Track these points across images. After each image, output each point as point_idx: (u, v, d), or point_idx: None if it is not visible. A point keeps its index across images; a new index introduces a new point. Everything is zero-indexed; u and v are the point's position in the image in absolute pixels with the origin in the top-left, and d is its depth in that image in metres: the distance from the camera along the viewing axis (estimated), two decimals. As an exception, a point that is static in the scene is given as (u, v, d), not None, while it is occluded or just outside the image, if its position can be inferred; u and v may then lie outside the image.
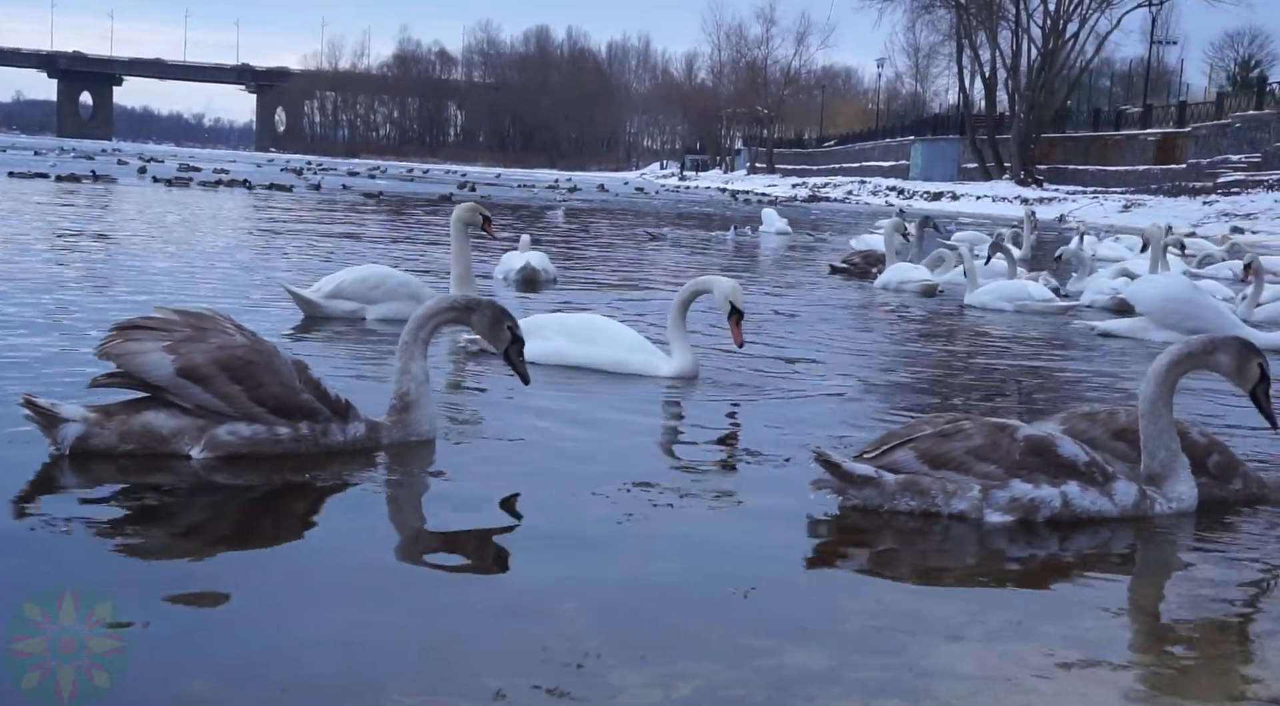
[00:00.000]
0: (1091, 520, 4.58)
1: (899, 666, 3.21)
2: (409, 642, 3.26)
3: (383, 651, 3.18)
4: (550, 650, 3.19)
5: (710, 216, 37.68)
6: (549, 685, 3.00)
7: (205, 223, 20.90)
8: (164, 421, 4.61)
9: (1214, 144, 55.76)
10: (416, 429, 5.17)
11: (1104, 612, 3.73)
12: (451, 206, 16.07)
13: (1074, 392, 7.89)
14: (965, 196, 62.31)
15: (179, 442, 4.62)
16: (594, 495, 4.66)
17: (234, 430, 4.66)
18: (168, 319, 4.70)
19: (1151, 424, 4.77)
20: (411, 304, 9.24)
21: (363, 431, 5.02)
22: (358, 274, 9.33)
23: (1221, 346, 4.86)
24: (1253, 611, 3.85)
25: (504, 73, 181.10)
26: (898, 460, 4.56)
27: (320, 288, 9.21)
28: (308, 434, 4.82)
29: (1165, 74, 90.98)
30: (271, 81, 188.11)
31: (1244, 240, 28.08)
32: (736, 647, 3.29)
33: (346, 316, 9.04)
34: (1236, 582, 4.13)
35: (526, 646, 3.21)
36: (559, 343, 7.34)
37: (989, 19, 77.66)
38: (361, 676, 3.04)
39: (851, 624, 3.53)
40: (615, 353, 7.32)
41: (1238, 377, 4.89)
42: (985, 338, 10.90)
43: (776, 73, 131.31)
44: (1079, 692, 3.13)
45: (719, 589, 3.73)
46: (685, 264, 17.78)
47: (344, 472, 4.77)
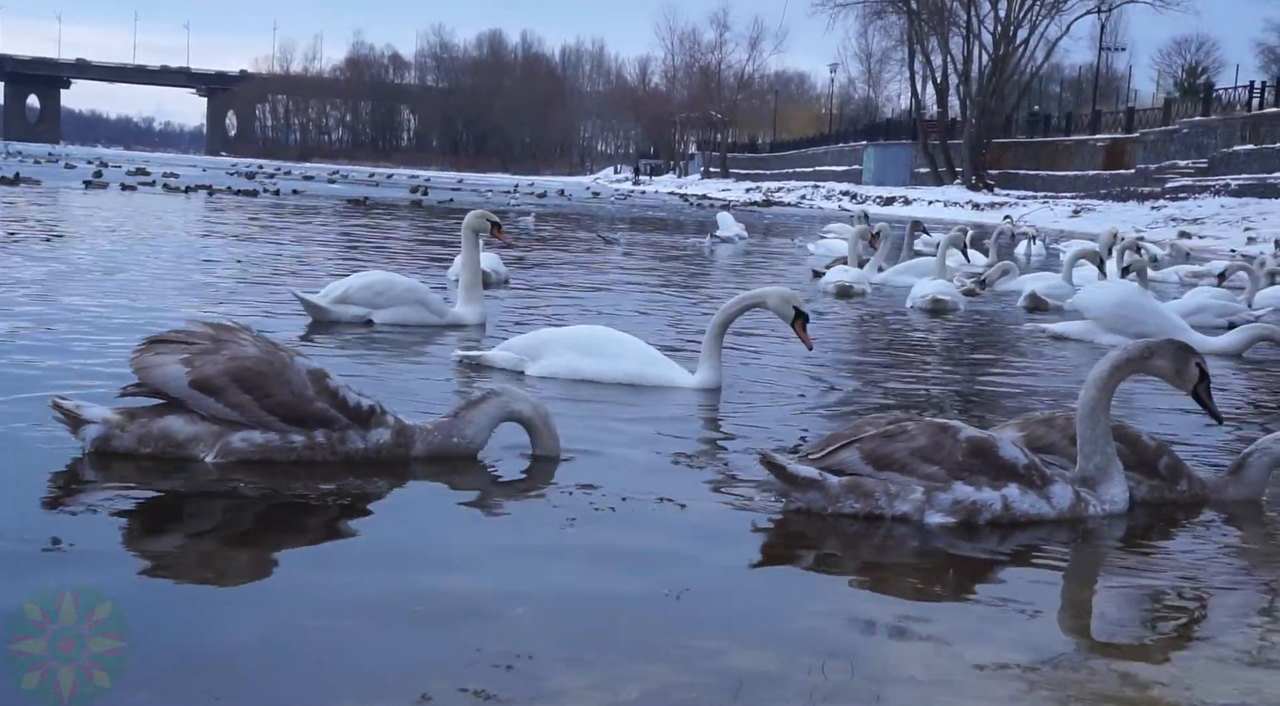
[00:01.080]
0: (1030, 522, 4.61)
1: (847, 669, 3.21)
2: (352, 648, 3.23)
3: (321, 656, 3.16)
4: (497, 654, 3.17)
5: (664, 221, 37.74)
6: (493, 690, 2.98)
7: (219, 228, 20.71)
8: (181, 427, 4.80)
9: (1161, 149, 56.42)
10: (463, 437, 5.14)
11: (1049, 614, 3.75)
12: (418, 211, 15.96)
13: (1029, 396, 7.94)
14: (918, 201, 62.72)
15: (194, 448, 4.80)
16: (540, 499, 4.66)
17: (247, 437, 4.81)
18: (191, 332, 4.89)
19: (1090, 428, 4.82)
20: (417, 309, 9.43)
21: (387, 438, 5.02)
22: (365, 280, 9.56)
23: (1158, 350, 4.92)
24: (1194, 613, 3.88)
25: (457, 77, 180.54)
26: (843, 460, 4.57)
27: (328, 293, 9.44)
28: (323, 441, 4.90)
29: (1114, 80, 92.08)
30: (223, 85, 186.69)
31: (1187, 244, 28.46)
32: (685, 650, 3.29)
33: (353, 321, 9.26)
34: (1178, 584, 4.16)
35: (473, 651, 3.19)
36: (571, 357, 7.22)
37: (940, 25, 78.24)
38: (291, 682, 3.02)
39: (800, 626, 3.53)
40: (633, 366, 7.21)
41: (1177, 380, 4.95)
42: (935, 342, 10.96)
43: (730, 77, 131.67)
44: (1027, 695, 3.15)
45: (666, 592, 3.72)
46: (657, 269, 17.79)
47: (343, 483, 4.75)
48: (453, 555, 4.08)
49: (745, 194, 79.51)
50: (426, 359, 8.18)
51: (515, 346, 7.49)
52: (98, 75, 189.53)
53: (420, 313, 9.46)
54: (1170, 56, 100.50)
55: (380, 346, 8.52)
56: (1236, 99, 56.37)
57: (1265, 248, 30.25)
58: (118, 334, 7.94)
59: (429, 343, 8.82)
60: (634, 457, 5.43)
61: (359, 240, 20.26)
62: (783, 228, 36.86)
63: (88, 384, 6.04)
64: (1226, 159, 49.06)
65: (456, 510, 4.67)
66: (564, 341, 7.36)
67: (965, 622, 3.62)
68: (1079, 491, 4.74)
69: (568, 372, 7.18)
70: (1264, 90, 54.07)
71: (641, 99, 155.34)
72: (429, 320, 9.48)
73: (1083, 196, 57.00)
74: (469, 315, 9.67)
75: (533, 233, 25.51)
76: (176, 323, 5.41)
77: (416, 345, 8.69)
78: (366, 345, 8.50)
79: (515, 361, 7.37)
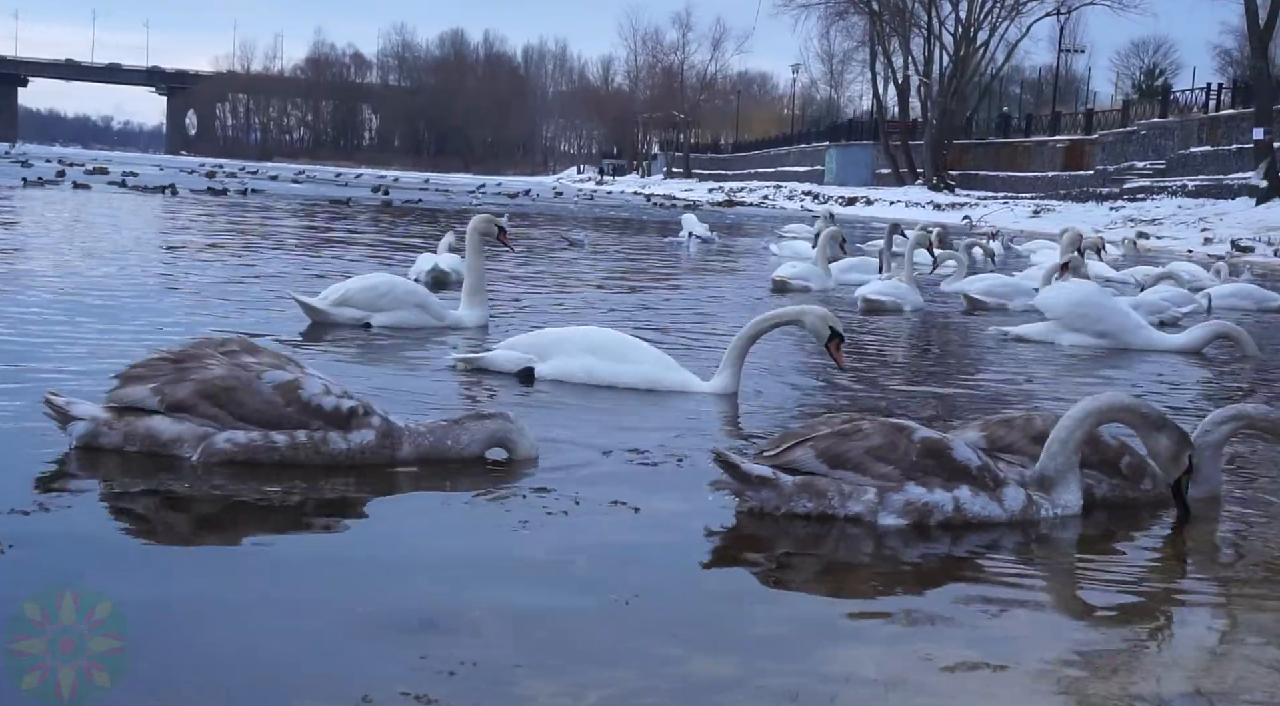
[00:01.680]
0: (982, 524, 4.63)
1: (805, 671, 3.24)
2: (301, 653, 3.23)
3: (266, 661, 3.17)
4: (457, 660, 3.17)
5: (629, 221, 37.72)
6: (456, 696, 2.98)
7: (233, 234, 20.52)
8: (166, 426, 4.93)
9: (1120, 151, 56.93)
10: (457, 443, 5.18)
11: (1003, 613, 3.78)
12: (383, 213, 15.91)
13: (990, 397, 7.98)
14: (879, 201, 63.01)
15: (178, 447, 4.92)
16: (493, 503, 4.68)
17: (231, 437, 4.91)
18: (153, 363, 5.05)
19: (1068, 434, 4.82)
20: (417, 313, 9.47)
21: (371, 440, 5.06)
22: (365, 283, 9.61)
23: (1168, 430, 4.88)
24: (1149, 609, 3.92)
25: (419, 76, 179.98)
26: (797, 458, 4.57)
27: (327, 296, 9.49)
28: (305, 441, 4.96)
29: (1073, 82, 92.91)
30: (182, 83, 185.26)
31: (1145, 244, 28.74)
32: (644, 655, 3.30)
33: (352, 323, 9.30)
34: (1133, 582, 4.21)
35: (432, 657, 3.19)
36: (586, 360, 7.15)
37: (902, 26, 78.69)
38: (228, 685, 3.02)
39: (758, 630, 3.55)
40: (650, 370, 7.16)
41: (1170, 463, 4.91)
42: (897, 344, 11.01)
43: (693, 78, 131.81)
44: (983, 693, 3.18)
45: (622, 597, 3.73)
46: (627, 268, 17.77)
47: (313, 486, 4.76)
48: (416, 560, 4.07)
49: (708, 194, 79.60)
50: (427, 361, 8.17)
51: (520, 345, 7.42)
52: (57, 73, 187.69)
53: (419, 315, 9.49)
54: (1128, 58, 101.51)
55: (381, 349, 8.56)
56: (1193, 101, 56.93)
57: (1222, 248, 30.59)
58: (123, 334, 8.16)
59: (430, 345, 8.83)
60: (603, 460, 5.43)
61: (346, 240, 20.11)
62: (747, 228, 36.90)
63: (94, 377, 6.04)
64: (1184, 160, 49.56)
65: (424, 514, 4.66)
66: (577, 342, 7.28)
67: (920, 623, 3.66)
68: (1031, 494, 4.77)
69: (582, 375, 7.11)
70: (1220, 92, 54.65)
71: (604, 99, 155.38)
72: (428, 323, 9.51)
73: (1043, 197, 57.44)
74: (470, 318, 9.69)
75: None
76: (176, 326, 5.41)
77: (417, 347, 8.71)
78: (366, 348, 8.56)
79: (521, 361, 7.27)
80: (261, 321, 9.37)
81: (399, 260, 15.94)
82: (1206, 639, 3.64)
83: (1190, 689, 3.23)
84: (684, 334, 10.20)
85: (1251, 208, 37.29)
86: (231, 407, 4.91)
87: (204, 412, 4.90)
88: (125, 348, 7.31)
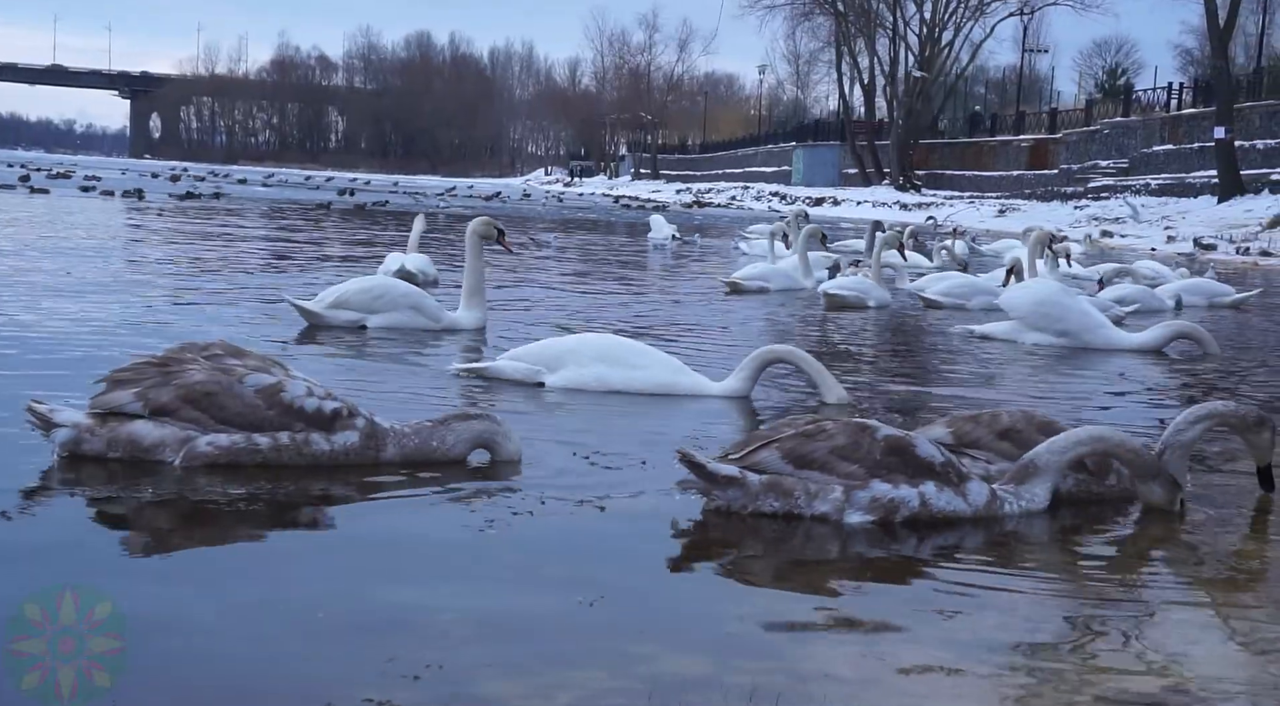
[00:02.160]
0: (947, 519, 4.67)
1: (776, 670, 3.24)
2: (280, 659, 3.22)
3: (227, 665, 3.14)
4: (423, 663, 3.16)
5: (596, 222, 37.71)
6: (422, 699, 2.98)
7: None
8: (148, 432, 4.95)
9: (1084, 150, 57.37)
10: (443, 444, 5.19)
11: (972, 611, 3.79)
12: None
13: (957, 395, 8.03)
14: (846, 201, 63.22)
15: (161, 452, 4.93)
16: (455, 503, 4.68)
17: (213, 441, 4.93)
18: (139, 367, 5.06)
19: (1072, 446, 4.89)
20: (412, 314, 9.49)
21: (355, 441, 5.07)
22: (361, 284, 9.71)
23: (1161, 480, 4.98)
24: (1118, 608, 3.94)
25: (385, 78, 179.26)
26: (762, 460, 4.59)
27: (323, 298, 9.56)
28: (288, 443, 4.98)
29: (1037, 82, 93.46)
30: (146, 87, 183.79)
31: (1108, 243, 28.96)
32: (615, 655, 3.30)
33: (348, 325, 9.37)
34: (1101, 580, 4.24)
35: (398, 660, 3.17)
36: (598, 368, 7.12)
37: (867, 27, 79.00)
38: (185, 689, 3.01)
39: (728, 628, 3.55)
40: (662, 375, 7.15)
41: (1165, 505, 5.01)
42: (862, 342, 11.06)
43: (659, 79, 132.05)
44: (954, 692, 3.19)
45: (594, 597, 3.72)
46: (600, 269, 17.78)
47: (293, 488, 4.76)
48: (388, 563, 4.05)
49: (676, 195, 79.67)
50: (423, 364, 8.17)
51: (527, 356, 7.36)
52: (18, 77, 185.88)
53: (415, 317, 9.52)
54: (1091, 58, 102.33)
55: (378, 351, 8.59)
56: (1155, 100, 57.49)
57: (1184, 245, 30.87)
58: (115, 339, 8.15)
59: (425, 347, 8.86)
60: (572, 463, 5.41)
61: (322, 242, 20.06)
62: (715, 229, 36.94)
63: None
64: (1146, 159, 49.99)
65: (397, 514, 4.63)
66: (586, 351, 7.25)
67: (890, 621, 3.66)
68: (995, 489, 4.81)
69: (595, 383, 7.08)
70: (1182, 92, 55.19)
71: (571, 100, 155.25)
72: (424, 325, 9.52)
73: (1008, 196, 57.79)
74: (467, 320, 9.68)
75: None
76: (170, 333, 5.82)
77: (414, 350, 8.74)
78: (362, 350, 8.61)
79: (530, 372, 7.23)
80: (258, 327, 9.35)
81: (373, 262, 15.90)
82: (1175, 637, 3.66)
83: (1160, 687, 3.25)
84: (658, 333, 10.22)
85: (1213, 206, 37.64)
86: (213, 411, 4.93)
87: (186, 417, 4.93)
88: (114, 356, 7.30)
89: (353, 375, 7.43)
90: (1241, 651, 3.55)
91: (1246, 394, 8.51)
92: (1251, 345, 12.31)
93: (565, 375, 7.15)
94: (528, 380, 7.21)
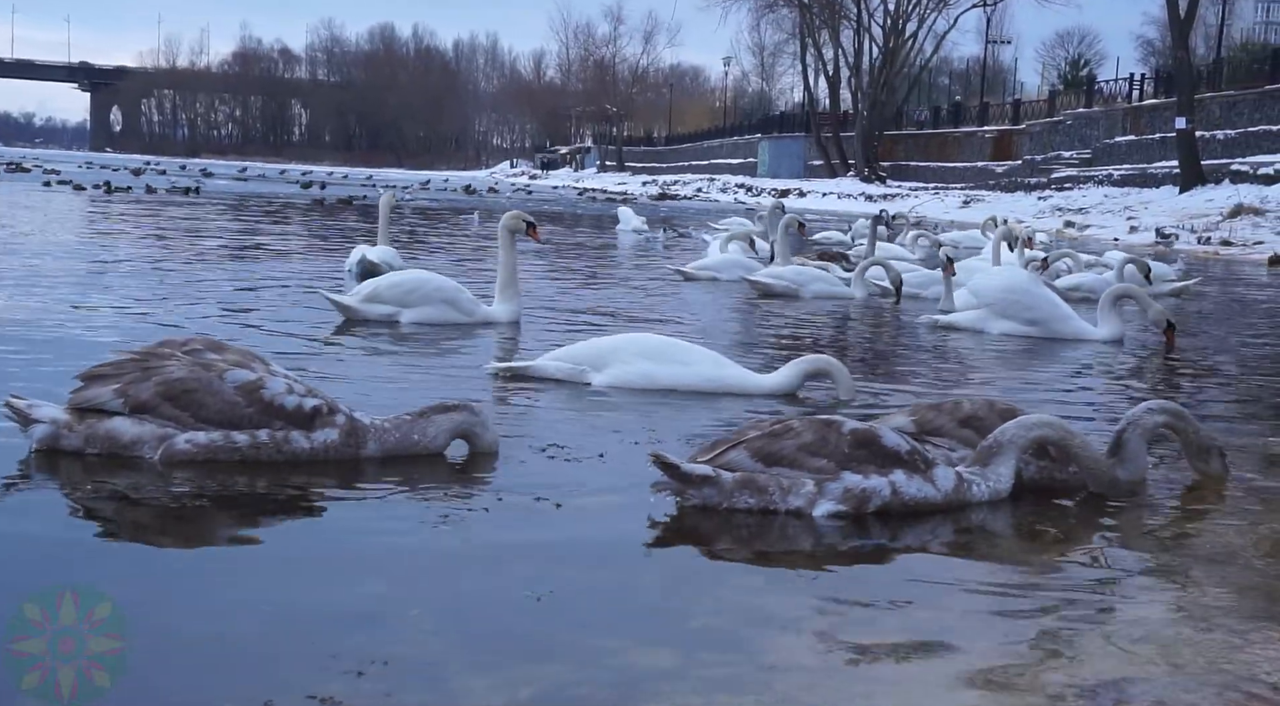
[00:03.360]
0: (919, 507, 4.70)
1: (742, 661, 3.25)
2: (231, 657, 3.20)
3: (185, 663, 3.13)
4: (391, 657, 3.15)
5: (562, 215, 37.64)
6: (389, 691, 2.96)
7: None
8: (127, 428, 4.93)
9: (1047, 141, 57.66)
10: (424, 437, 5.18)
11: (938, 600, 3.82)
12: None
13: (921, 384, 8.06)
14: (812, 193, 63.36)
15: (139, 449, 4.92)
16: (418, 501, 4.68)
17: (191, 438, 4.92)
18: (119, 363, 5.05)
19: (1025, 432, 4.95)
20: (445, 309, 9.53)
21: (335, 438, 5.06)
22: (395, 279, 9.80)
23: (1097, 476, 5.10)
24: (1080, 595, 3.96)
25: (349, 71, 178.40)
26: (732, 460, 4.61)
27: (358, 292, 9.70)
28: (267, 441, 4.97)
29: (1001, 73, 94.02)
30: (106, 80, 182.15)
31: (1072, 233, 29.15)
32: (583, 649, 3.30)
33: (382, 319, 9.44)
34: (1067, 566, 4.26)
35: (365, 653, 3.16)
36: (644, 365, 7.09)
37: (831, 18, 79.15)
38: (132, 687, 2.99)
39: (696, 622, 3.56)
40: (709, 371, 7.11)
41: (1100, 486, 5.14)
42: (827, 332, 11.08)
43: (625, 71, 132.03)
44: (917, 679, 3.21)
45: (562, 592, 3.72)
46: (577, 262, 17.72)
47: (269, 484, 4.75)
48: (355, 560, 4.03)
49: (642, 187, 79.62)
50: (459, 359, 8.20)
51: (571, 357, 7.33)
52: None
53: (447, 311, 9.56)
54: (1054, 49, 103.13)
55: (411, 346, 8.65)
56: (1118, 91, 57.82)
57: (1147, 235, 31.10)
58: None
59: (462, 341, 8.93)
60: (539, 459, 5.39)
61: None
62: (679, 221, 36.95)
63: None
64: (1109, 149, 50.33)
65: (372, 511, 4.60)
66: (631, 349, 7.22)
67: (858, 611, 3.68)
68: (959, 472, 4.85)
69: (642, 381, 7.05)
70: (1144, 82, 55.57)
71: (537, 93, 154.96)
72: (457, 319, 9.56)
73: (973, 187, 58.04)
74: (502, 313, 9.71)
75: (475, 228, 26.18)
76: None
77: (448, 344, 8.81)
78: (396, 345, 8.67)
79: (574, 372, 7.21)
80: (291, 320, 9.47)
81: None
82: (1142, 622, 3.69)
83: (1126, 673, 3.27)
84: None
85: (1175, 196, 37.93)
86: (193, 409, 4.93)
87: (165, 414, 4.92)
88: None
89: (388, 370, 7.43)
90: (1203, 634, 3.57)
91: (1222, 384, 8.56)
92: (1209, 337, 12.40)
93: (612, 373, 7.13)
94: (573, 379, 7.21)
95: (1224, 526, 4.82)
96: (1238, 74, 46.64)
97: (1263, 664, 3.34)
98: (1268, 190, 33.95)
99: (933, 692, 3.13)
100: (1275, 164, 36.16)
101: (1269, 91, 40.60)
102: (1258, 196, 33.23)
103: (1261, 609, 3.83)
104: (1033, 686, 3.17)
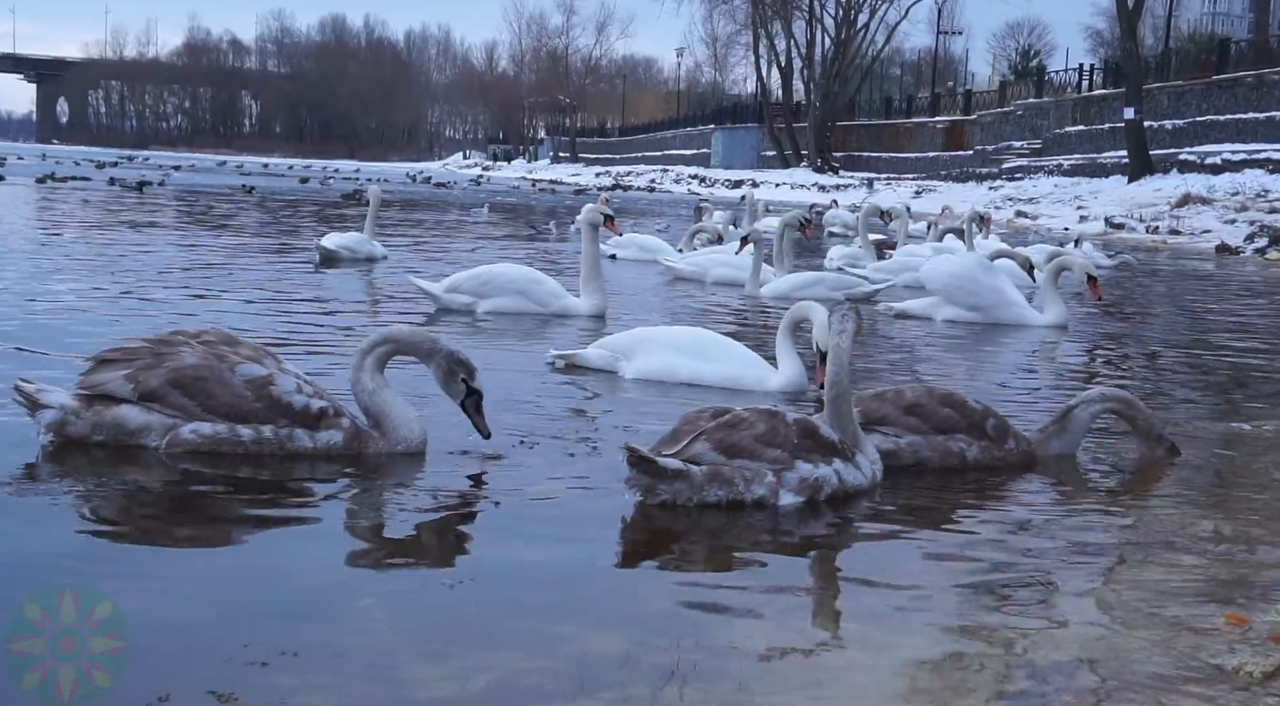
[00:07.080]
0: (855, 492, 4.80)
1: (695, 647, 3.26)
2: (208, 645, 3.17)
3: (179, 655, 3.10)
4: (344, 647, 3.13)
5: (515, 206, 37.53)
6: (347, 683, 2.95)
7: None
8: (134, 416, 4.93)
9: (998, 131, 58.07)
10: (394, 438, 5.14)
11: (887, 588, 3.84)
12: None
13: (875, 372, 8.09)
14: (765, 184, 63.45)
15: (145, 437, 4.92)
16: (390, 494, 4.65)
17: (196, 429, 4.92)
18: (132, 348, 5.03)
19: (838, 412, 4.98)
20: (518, 299, 9.90)
21: (339, 440, 5.06)
22: (472, 270, 10.25)
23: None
24: (1028, 579, 3.99)
25: (299, 62, 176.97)
26: (697, 453, 4.60)
27: (445, 282, 10.19)
28: (271, 437, 4.97)
29: (952, 63, 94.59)
30: (52, 71, 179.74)
31: (1023, 223, 29.36)
32: (536, 637, 3.29)
33: (462, 308, 9.91)
34: (1013, 551, 4.29)
35: (323, 646, 3.14)
36: (668, 358, 7.12)
37: (784, 9, 79.29)
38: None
39: (651, 609, 3.58)
40: (730, 368, 7.09)
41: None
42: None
43: (578, 62, 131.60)
44: (866, 665, 3.23)
45: (519, 582, 3.73)
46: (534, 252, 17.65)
47: (252, 480, 4.74)
48: (322, 548, 4.02)
49: (595, 178, 79.50)
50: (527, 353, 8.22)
51: (610, 345, 7.40)
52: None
53: (521, 302, 9.87)
54: (1004, 40, 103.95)
55: (488, 336, 8.93)
56: (1067, 81, 58.35)
57: (1096, 225, 31.41)
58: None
59: (537, 334, 9.11)
60: (510, 448, 5.37)
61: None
62: (633, 212, 36.95)
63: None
64: (1059, 139, 50.74)
65: (350, 508, 4.58)
66: (662, 341, 7.26)
67: (805, 598, 3.72)
68: (858, 457, 4.93)
69: (664, 373, 7.09)
70: (1093, 73, 56.11)
71: (489, 84, 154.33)
72: (533, 309, 9.82)
73: (925, 177, 58.39)
74: (585, 306, 9.87)
75: (484, 220, 27.01)
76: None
77: (522, 336, 9.04)
78: (474, 334, 8.95)
79: (609, 359, 7.29)
80: (391, 309, 10.24)
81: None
82: (1090, 605, 3.72)
83: (1075, 655, 3.30)
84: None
85: (1124, 185, 38.31)
86: (201, 398, 4.91)
87: (174, 403, 4.91)
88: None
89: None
90: (1151, 616, 3.61)
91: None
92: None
93: (638, 364, 7.20)
94: (609, 368, 7.28)
95: (1172, 509, 4.87)
96: (1185, 64, 47.16)
97: (1209, 645, 3.38)
98: (1215, 179, 34.37)
99: (882, 679, 3.15)
100: (1222, 153, 36.61)
101: (1216, 81, 41.05)
102: (1205, 186, 33.63)
103: (1208, 590, 3.88)
104: (981, 671, 3.20)
